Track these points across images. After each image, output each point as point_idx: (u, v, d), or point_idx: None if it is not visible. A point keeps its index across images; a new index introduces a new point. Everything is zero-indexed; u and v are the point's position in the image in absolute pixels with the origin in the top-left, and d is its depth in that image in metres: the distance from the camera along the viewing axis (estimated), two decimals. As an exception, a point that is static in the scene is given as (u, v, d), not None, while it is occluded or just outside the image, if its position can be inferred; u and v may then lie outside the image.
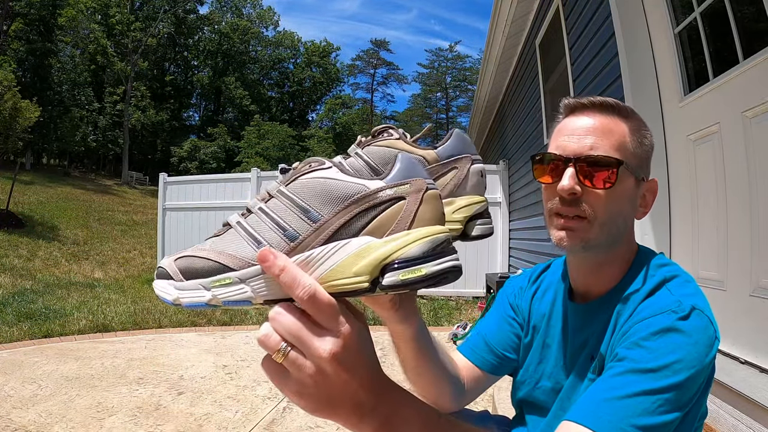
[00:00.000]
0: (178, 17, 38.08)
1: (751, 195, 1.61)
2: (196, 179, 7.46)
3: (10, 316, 4.33)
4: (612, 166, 0.67)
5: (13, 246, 8.69)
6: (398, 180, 0.42)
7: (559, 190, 0.69)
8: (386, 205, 0.41)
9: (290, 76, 47.04)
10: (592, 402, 0.57)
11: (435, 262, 0.40)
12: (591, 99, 0.72)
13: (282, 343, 0.38)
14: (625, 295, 0.69)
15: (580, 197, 0.68)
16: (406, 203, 0.41)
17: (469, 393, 0.84)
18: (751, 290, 1.61)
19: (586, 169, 0.68)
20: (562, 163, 0.70)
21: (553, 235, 0.72)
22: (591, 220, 0.68)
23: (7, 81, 13.08)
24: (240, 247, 0.42)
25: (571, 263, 0.79)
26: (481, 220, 0.57)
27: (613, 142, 0.69)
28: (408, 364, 0.74)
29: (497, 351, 0.86)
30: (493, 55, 5.83)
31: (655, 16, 2.22)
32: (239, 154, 33.59)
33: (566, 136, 0.71)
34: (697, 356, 0.58)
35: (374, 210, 0.40)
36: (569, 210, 0.69)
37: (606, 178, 0.67)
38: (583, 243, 0.69)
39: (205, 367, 3.16)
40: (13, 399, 2.47)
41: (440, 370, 0.77)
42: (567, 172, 0.68)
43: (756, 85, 1.59)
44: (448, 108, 48.43)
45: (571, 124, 0.72)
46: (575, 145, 0.69)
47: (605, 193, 0.68)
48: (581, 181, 0.68)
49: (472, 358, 0.87)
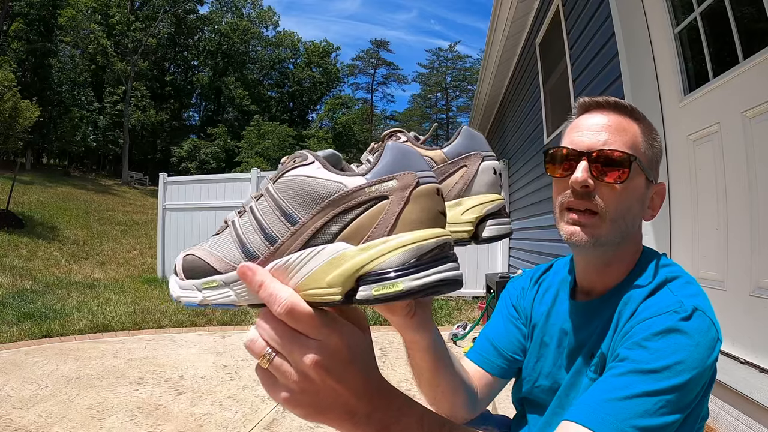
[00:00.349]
0: (178, 17, 38.07)
1: (751, 195, 1.61)
2: (196, 179, 7.47)
3: (10, 316, 4.33)
4: (625, 161, 0.68)
5: (13, 246, 8.69)
6: (383, 175, 0.36)
7: (572, 183, 0.69)
8: (366, 206, 0.36)
9: (290, 76, 47.03)
10: (593, 402, 0.57)
11: (418, 275, 0.34)
12: (606, 99, 0.73)
13: (267, 349, 0.37)
14: (626, 294, 0.69)
15: (592, 191, 0.68)
16: (389, 203, 0.36)
17: (482, 400, 0.83)
18: (751, 290, 1.61)
19: (600, 163, 0.68)
20: (575, 157, 0.70)
21: (564, 229, 0.71)
22: (602, 216, 0.68)
23: (7, 81, 13.08)
24: (228, 250, 0.40)
25: (579, 261, 0.78)
26: (494, 221, 0.53)
27: (626, 140, 0.70)
28: (423, 376, 0.71)
29: (506, 354, 0.85)
30: (493, 55, 5.83)
31: (655, 16, 2.22)
32: (239, 154, 33.58)
33: (580, 132, 0.72)
34: (699, 358, 0.58)
35: (352, 212, 0.36)
36: (581, 203, 0.69)
37: (619, 172, 0.68)
38: (594, 239, 0.69)
39: (205, 367, 3.16)
40: (13, 399, 2.46)
41: (455, 380, 0.75)
42: (580, 165, 0.69)
43: (756, 85, 1.59)
44: (448, 108, 48.44)
45: (586, 121, 0.73)
46: (589, 140, 0.70)
47: (617, 188, 0.68)
48: (594, 174, 0.68)
49: (482, 364, 0.85)
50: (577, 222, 0.70)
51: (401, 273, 0.34)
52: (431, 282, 0.34)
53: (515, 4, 4.48)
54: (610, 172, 0.68)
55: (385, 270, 0.34)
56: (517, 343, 0.85)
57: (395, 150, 0.37)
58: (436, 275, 0.34)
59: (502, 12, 4.77)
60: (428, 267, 0.34)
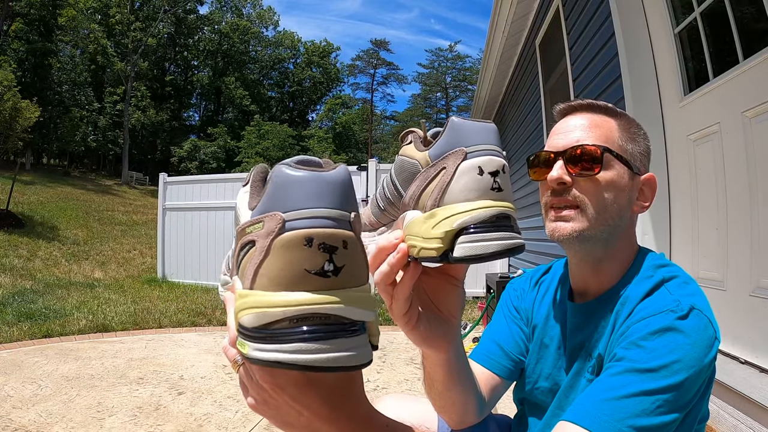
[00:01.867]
0: (178, 17, 38.08)
1: (751, 195, 1.61)
2: (196, 179, 7.46)
3: (10, 316, 4.33)
4: (596, 152, 0.70)
5: (13, 246, 8.69)
6: (258, 213, 0.30)
7: (549, 181, 0.71)
8: (246, 250, 0.31)
9: (290, 76, 47.05)
10: (590, 402, 0.57)
11: (260, 345, 0.29)
12: (581, 101, 0.76)
13: (237, 356, 0.37)
14: (623, 295, 0.68)
15: (570, 187, 0.70)
16: (256, 250, 0.30)
17: (489, 403, 0.81)
18: (751, 290, 1.61)
19: (574, 159, 0.70)
20: (552, 158, 0.72)
21: (548, 227, 0.73)
22: (583, 208, 0.69)
23: (7, 81, 13.10)
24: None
25: (572, 261, 0.78)
26: (468, 237, 0.38)
27: (599, 134, 0.72)
28: (434, 386, 0.68)
29: (513, 356, 0.84)
30: (493, 55, 5.83)
31: (655, 16, 2.22)
32: (239, 154, 33.59)
33: (556, 135, 0.75)
34: (696, 356, 0.57)
35: (241, 253, 0.32)
36: (560, 200, 0.71)
37: (591, 164, 0.70)
38: (577, 233, 0.69)
39: (205, 367, 3.16)
40: (13, 399, 2.46)
41: (467, 392, 0.71)
42: (556, 164, 0.71)
43: (756, 85, 1.59)
44: (448, 108, 48.43)
45: (562, 125, 0.76)
46: (564, 141, 0.73)
47: (593, 179, 0.70)
48: (569, 171, 0.70)
49: (490, 366, 0.84)
50: (558, 218, 0.71)
51: (248, 336, 0.30)
52: (273, 360, 0.29)
53: (515, 4, 4.48)
54: (583, 165, 0.70)
55: (245, 328, 0.30)
56: (521, 343, 0.85)
57: (278, 176, 0.31)
58: (288, 356, 0.28)
59: (502, 12, 4.77)
60: (281, 340, 0.29)
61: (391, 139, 47.70)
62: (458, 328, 0.56)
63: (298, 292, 0.29)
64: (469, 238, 0.38)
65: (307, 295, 0.29)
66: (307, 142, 37.41)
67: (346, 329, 0.30)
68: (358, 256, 0.31)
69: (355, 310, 0.30)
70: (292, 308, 0.28)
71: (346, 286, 0.30)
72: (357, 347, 0.30)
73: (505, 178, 0.41)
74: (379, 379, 2.91)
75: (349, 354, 0.29)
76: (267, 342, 0.29)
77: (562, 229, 0.70)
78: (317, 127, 43.40)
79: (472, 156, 0.41)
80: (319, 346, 0.28)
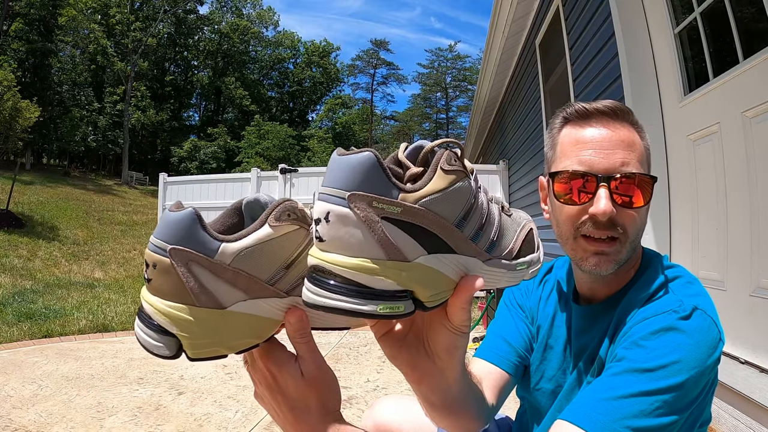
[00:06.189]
0: (178, 17, 38.07)
1: (751, 195, 1.61)
2: (196, 179, 7.46)
3: (10, 316, 4.33)
4: (647, 184, 0.64)
5: (13, 246, 8.69)
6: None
7: (596, 214, 0.63)
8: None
9: (290, 76, 47.05)
10: (587, 402, 0.56)
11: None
12: (606, 105, 0.68)
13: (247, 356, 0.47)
14: (627, 298, 0.67)
15: (614, 217, 0.64)
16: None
17: (493, 407, 0.75)
18: (751, 290, 1.60)
19: (622, 189, 0.64)
20: (591, 181, 0.64)
21: (586, 261, 0.67)
22: (622, 240, 0.65)
23: (7, 81, 13.09)
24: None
25: (585, 277, 0.74)
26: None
27: (638, 156, 0.66)
28: (434, 408, 0.61)
29: (521, 352, 0.82)
30: (493, 55, 5.83)
31: (655, 16, 2.22)
32: (239, 154, 33.61)
33: (590, 150, 0.66)
34: (699, 357, 0.56)
35: None
36: (604, 233, 0.65)
37: (642, 197, 0.64)
38: (617, 264, 0.66)
39: (205, 367, 3.16)
40: (13, 399, 2.46)
41: (469, 413, 0.64)
42: (601, 192, 0.63)
43: (756, 85, 1.59)
44: (448, 108, 48.42)
45: (591, 135, 0.67)
46: (605, 162, 0.64)
47: (638, 212, 0.65)
48: (617, 202, 0.64)
49: (499, 363, 0.80)
50: (600, 252, 0.65)
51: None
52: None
53: (515, 4, 4.48)
54: (634, 198, 0.64)
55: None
56: (527, 340, 0.84)
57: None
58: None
59: (502, 12, 4.77)
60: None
61: (391, 139, 47.65)
62: (445, 369, 0.50)
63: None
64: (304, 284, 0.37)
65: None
66: (307, 142, 37.40)
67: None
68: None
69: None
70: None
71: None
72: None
73: (333, 227, 0.34)
74: (379, 379, 2.91)
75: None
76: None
77: (605, 264, 0.65)
78: (317, 127, 43.37)
79: (323, 200, 0.35)
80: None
